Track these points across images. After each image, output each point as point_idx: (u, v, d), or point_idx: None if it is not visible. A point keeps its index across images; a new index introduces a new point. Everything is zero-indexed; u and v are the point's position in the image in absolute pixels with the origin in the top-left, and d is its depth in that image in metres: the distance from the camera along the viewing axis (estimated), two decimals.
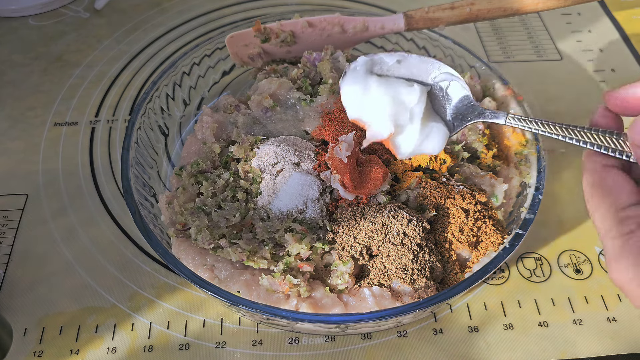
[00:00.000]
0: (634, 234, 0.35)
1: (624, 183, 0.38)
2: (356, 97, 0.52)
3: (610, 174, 0.39)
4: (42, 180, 0.67)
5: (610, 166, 0.40)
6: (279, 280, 0.48)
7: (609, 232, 0.37)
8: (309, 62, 0.66)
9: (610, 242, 0.37)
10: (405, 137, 0.51)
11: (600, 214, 0.38)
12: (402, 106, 0.50)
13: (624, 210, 0.37)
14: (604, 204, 0.38)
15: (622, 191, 0.38)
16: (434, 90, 0.52)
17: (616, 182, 0.39)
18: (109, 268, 0.59)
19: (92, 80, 0.80)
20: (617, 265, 0.36)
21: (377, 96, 0.51)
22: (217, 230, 0.53)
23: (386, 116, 0.50)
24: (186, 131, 0.69)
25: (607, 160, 0.40)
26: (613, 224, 0.37)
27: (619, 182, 0.38)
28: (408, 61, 0.53)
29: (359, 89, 0.52)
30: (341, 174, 0.52)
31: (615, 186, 0.38)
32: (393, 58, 0.53)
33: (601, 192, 0.39)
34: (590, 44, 0.87)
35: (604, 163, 0.40)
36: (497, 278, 0.59)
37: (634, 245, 0.35)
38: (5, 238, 0.61)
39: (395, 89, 0.51)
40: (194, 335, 0.54)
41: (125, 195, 0.53)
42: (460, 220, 0.52)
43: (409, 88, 0.51)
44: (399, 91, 0.51)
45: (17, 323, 0.54)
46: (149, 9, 0.92)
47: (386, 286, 0.49)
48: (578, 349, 0.53)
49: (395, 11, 0.91)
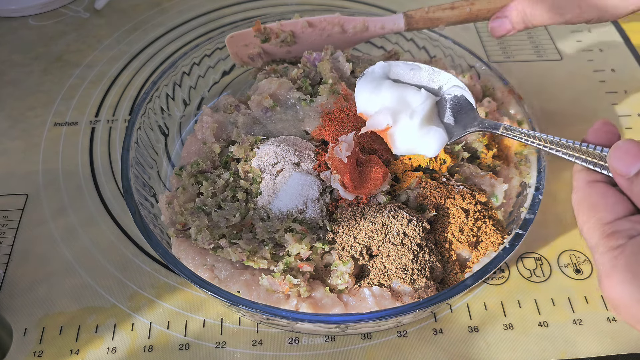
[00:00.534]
0: (623, 248, 0.35)
1: (609, 197, 0.38)
2: (367, 94, 0.54)
3: (595, 190, 0.39)
4: (42, 180, 0.67)
5: (595, 182, 0.39)
6: (279, 280, 0.48)
7: (598, 247, 0.36)
8: (309, 62, 0.66)
9: (599, 257, 0.36)
10: (403, 133, 0.52)
11: (588, 230, 0.38)
12: (405, 105, 0.52)
13: (610, 224, 0.37)
14: (590, 220, 0.38)
15: (606, 205, 0.38)
16: (443, 102, 0.54)
17: (601, 197, 0.38)
18: (109, 268, 0.59)
19: (92, 80, 0.80)
20: (608, 282, 0.35)
21: (386, 95, 0.53)
22: (217, 230, 0.53)
23: (388, 110, 0.52)
24: (186, 131, 0.69)
25: (591, 177, 0.40)
26: (600, 239, 0.36)
27: (604, 197, 0.38)
28: (421, 71, 0.55)
29: (372, 88, 0.54)
30: (341, 174, 0.52)
31: (600, 201, 0.38)
32: (408, 67, 0.55)
33: (587, 208, 0.39)
34: (590, 44, 0.86)
35: (589, 179, 0.40)
36: (497, 278, 0.59)
37: (623, 260, 0.34)
38: (5, 238, 0.61)
39: (403, 91, 0.53)
40: (194, 335, 0.54)
41: (125, 195, 0.53)
42: (460, 220, 0.52)
43: (416, 91, 0.53)
44: (407, 93, 0.53)
45: (17, 323, 0.54)
46: (149, 9, 0.92)
47: (386, 286, 0.49)
48: (578, 349, 0.53)
49: (395, 11, 0.91)
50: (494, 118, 0.63)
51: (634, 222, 0.36)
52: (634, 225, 0.36)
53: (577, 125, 0.73)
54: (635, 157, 0.36)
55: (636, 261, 0.34)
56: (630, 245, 0.35)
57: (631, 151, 0.37)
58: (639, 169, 0.36)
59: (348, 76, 0.65)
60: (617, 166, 0.37)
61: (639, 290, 0.33)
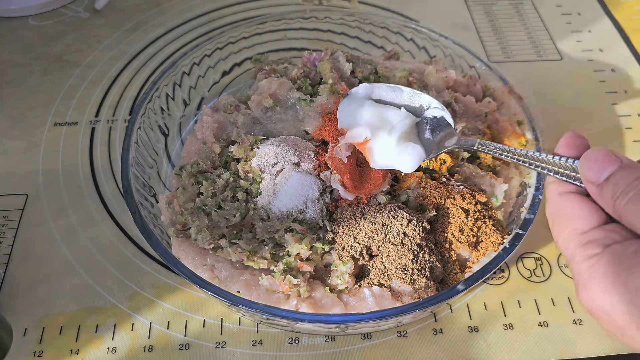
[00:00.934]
0: (600, 257, 0.35)
1: (583, 207, 0.38)
2: (349, 112, 0.56)
3: (567, 201, 0.39)
4: (42, 180, 0.67)
5: (567, 193, 0.40)
6: (279, 280, 0.48)
7: (574, 257, 0.36)
8: (309, 62, 0.66)
9: (575, 267, 0.36)
10: (381, 148, 0.53)
11: (563, 240, 0.38)
12: (385, 122, 0.54)
13: (585, 234, 0.37)
14: (565, 230, 0.38)
15: (580, 216, 0.38)
16: (423, 122, 0.56)
17: (574, 207, 0.38)
18: (109, 268, 0.59)
19: (92, 80, 0.80)
20: (585, 292, 0.35)
21: (367, 112, 0.55)
22: (217, 230, 0.53)
23: (367, 124, 0.54)
24: (186, 131, 0.69)
25: (563, 188, 0.40)
26: (576, 248, 0.36)
27: (577, 207, 0.38)
28: (402, 93, 0.58)
29: (354, 106, 0.57)
30: (341, 174, 0.52)
31: (573, 212, 0.38)
32: (390, 88, 0.58)
33: (561, 219, 0.39)
34: (590, 44, 0.86)
35: (560, 191, 0.40)
36: (497, 278, 0.59)
37: (600, 269, 0.34)
38: (5, 238, 0.61)
39: (384, 109, 0.56)
40: (194, 335, 0.54)
41: (125, 195, 0.53)
42: (460, 220, 0.52)
43: (396, 110, 0.55)
44: (387, 111, 0.55)
45: (17, 323, 0.54)
46: (149, 9, 0.92)
47: (386, 286, 0.49)
48: (578, 349, 0.53)
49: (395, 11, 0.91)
50: (494, 118, 0.63)
51: (608, 231, 0.36)
52: (608, 234, 0.36)
53: (577, 125, 0.73)
54: (603, 164, 0.37)
55: (614, 270, 0.34)
56: (606, 253, 0.35)
57: (600, 158, 0.37)
58: (609, 174, 0.36)
59: (348, 76, 0.65)
60: (588, 174, 0.37)
61: (620, 298, 0.33)
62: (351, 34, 0.78)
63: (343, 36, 0.78)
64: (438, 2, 0.94)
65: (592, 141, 0.42)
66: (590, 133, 0.72)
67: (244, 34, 0.73)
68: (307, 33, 0.77)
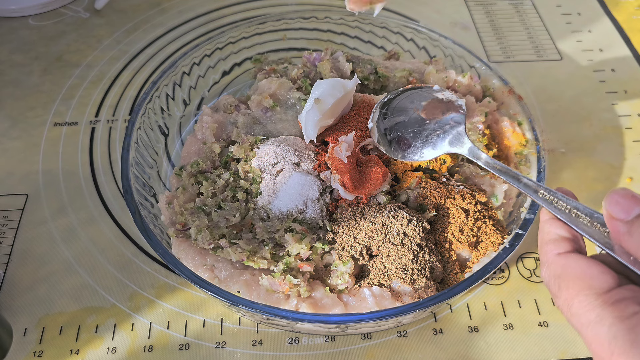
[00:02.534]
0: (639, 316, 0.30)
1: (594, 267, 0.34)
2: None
3: (572, 261, 0.35)
4: (42, 180, 0.67)
5: (567, 253, 0.36)
6: (279, 280, 0.48)
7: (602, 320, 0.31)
8: (309, 62, 0.66)
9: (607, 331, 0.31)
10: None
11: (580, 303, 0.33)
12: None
13: (609, 293, 0.32)
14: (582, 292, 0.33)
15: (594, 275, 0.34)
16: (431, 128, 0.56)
17: (583, 267, 0.34)
18: (109, 268, 0.59)
19: (92, 80, 0.80)
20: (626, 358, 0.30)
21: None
22: (217, 230, 0.53)
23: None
24: (186, 131, 0.69)
25: (560, 248, 0.37)
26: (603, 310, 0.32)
27: (586, 267, 0.34)
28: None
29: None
30: (341, 174, 0.52)
31: (587, 271, 0.34)
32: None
33: (571, 280, 0.34)
34: (590, 44, 0.86)
35: (559, 252, 0.37)
36: (497, 278, 0.59)
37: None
38: (5, 238, 0.61)
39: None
40: (194, 335, 0.54)
41: (125, 195, 0.53)
42: (460, 220, 0.52)
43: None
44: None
45: (17, 323, 0.54)
46: (149, 9, 0.92)
47: (386, 286, 0.49)
48: (578, 349, 0.53)
49: (395, 11, 0.91)
50: (494, 118, 0.63)
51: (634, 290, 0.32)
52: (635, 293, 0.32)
53: (577, 125, 0.73)
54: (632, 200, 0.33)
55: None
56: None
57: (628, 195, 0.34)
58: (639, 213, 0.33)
59: (348, 76, 0.65)
60: (615, 211, 0.34)
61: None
62: (351, 34, 0.78)
63: (343, 36, 0.78)
64: (438, 2, 0.94)
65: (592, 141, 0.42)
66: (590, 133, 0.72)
67: (244, 34, 0.73)
68: (307, 33, 0.77)
